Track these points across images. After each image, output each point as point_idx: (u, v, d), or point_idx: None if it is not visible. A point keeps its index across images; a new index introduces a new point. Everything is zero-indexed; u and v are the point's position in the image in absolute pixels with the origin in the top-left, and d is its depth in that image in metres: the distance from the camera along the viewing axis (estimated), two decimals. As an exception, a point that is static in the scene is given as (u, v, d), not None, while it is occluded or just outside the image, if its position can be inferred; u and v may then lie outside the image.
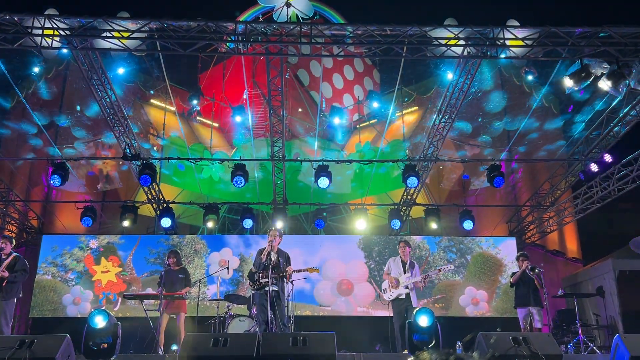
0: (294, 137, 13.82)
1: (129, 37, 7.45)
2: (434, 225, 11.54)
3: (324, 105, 14.03)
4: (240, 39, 7.61)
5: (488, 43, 7.58)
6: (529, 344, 5.25)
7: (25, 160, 12.36)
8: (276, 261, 7.18)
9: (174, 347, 8.69)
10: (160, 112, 13.25)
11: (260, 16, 14.48)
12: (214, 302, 10.00)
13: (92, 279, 11.88)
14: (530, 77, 10.30)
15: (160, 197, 11.70)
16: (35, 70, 11.01)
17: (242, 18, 14.28)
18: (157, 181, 11.16)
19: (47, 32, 7.27)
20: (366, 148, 13.72)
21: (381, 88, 15.40)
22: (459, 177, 13.47)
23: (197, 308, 9.51)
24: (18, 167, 12.20)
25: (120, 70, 10.66)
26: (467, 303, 12.01)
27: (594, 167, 10.29)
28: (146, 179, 9.97)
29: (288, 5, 9.55)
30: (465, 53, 7.75)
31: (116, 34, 7.39)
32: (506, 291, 11.84)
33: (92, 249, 12.12)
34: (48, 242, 12.11)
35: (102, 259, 12.04)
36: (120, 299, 11.64)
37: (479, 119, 12.66)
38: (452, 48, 7.59)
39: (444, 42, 7.55)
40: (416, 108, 13.91)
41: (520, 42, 7.52)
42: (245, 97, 12.67)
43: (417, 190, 11.58)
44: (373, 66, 15.91)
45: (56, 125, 12.23)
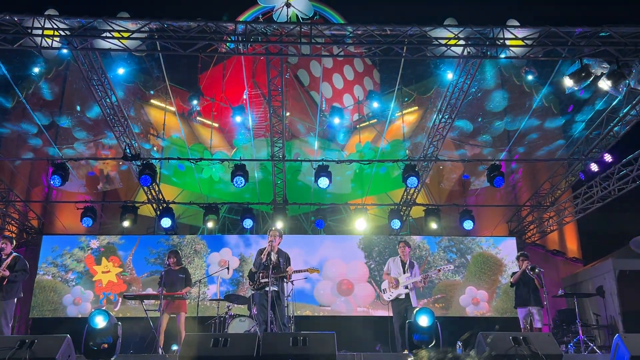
0: (294, 137, 13.81)
1: (129, 38, 7.46)
2: (434, 225, 11.54)
3: (324, 105, 14.01)
4: (240, 39, 7.62)
5: (488, 43, 7.58)
6: (529, 343, 5.25)
7: (26, 161, 12.35)
8: (276, 261, 7.19)
9: (174, 347, 8.70)
10: (161, 112, 13.24)
11: (260, 16, 14.48)
12: (214, 302, 10.00)
13: (93, 279, 11.88)
14: (530, 77, 10.27)
15: (160, 197, 11.71)
16: (35, 70, 10.99)
17: (242, 18, 14.28)
18: (157, 181, 11.18)
19: (47, 32, 7.27)
20: (366, 148, 13.71)
21: (381, 88, 15.39)
22: (459, 177, 13.46)
23: (198, 308, 9.53)
24: (18, 167, 12.20)
25: (121, 71, 10.64)
26: (468, 303, 12.01)
27: (594, 167, 10.29)
28: (146, 179, 9.99)
29: (288, 5, 9.55)
30: (465, 53, 7.75)
31: (116, 34, 7.39)
32: (506, 291, 11.84)
33: (93, 249, 12.12)
34: (48, 242, 12.12)
35: (103, 259, 12.05)
36: (120, 299, 11.64)
37: (479, 119, 12.65)
38: (452, 48, 7.60)
39: (444, 42, 7.55)
40: (416, 108, 13.90)
41: (520, 42, 7.52)
42: (245, 97, 12.66)
43: (417, 190, 11.58)
44: (373, 66, 15.90)
45: (56, 126, 12.21)
